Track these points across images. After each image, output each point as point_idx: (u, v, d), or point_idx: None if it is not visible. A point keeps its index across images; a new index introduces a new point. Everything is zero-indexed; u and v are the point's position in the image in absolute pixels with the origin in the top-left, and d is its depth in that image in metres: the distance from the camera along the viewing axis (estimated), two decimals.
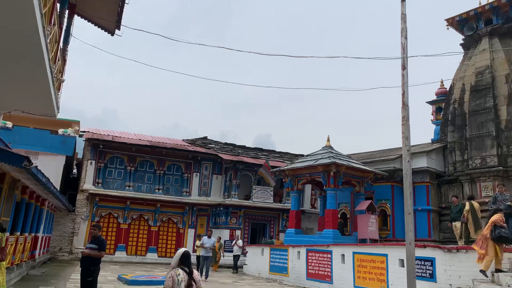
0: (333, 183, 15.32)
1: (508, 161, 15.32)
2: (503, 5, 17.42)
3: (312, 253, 13.87)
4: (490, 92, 16.30)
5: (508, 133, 15.59)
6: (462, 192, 16.28)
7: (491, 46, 17.13)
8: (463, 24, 18.66)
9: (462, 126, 16.92)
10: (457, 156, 16.76)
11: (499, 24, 17.34)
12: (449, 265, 9.46)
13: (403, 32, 7.78)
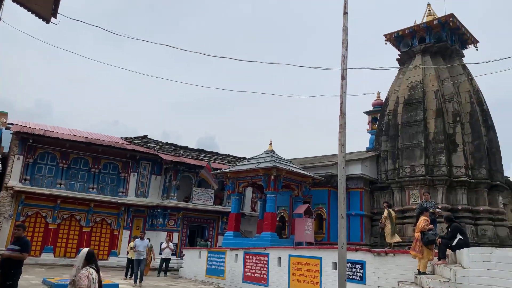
0: (273, 186, 15.54)
1: (434, 170, 16.48)
2: (435, 26, 18.81)
3: (249, 256, 13.94)
4: (421, 106, 17.47)
5: (435, 144, 16.78)
6: (393, 198, 17.26)
7: (424, 63, 18.40)
8: (399, 40, 19.86)
9: (395, 137, 17.95)
10: (389, 165, 17.73)
11: (431, 43, 18.68)
12: (378, 268, 9.94)
13: (344, 44, 8.08)
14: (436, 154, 16.65)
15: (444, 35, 18.67)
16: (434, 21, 18.77)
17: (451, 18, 18.25)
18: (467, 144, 16.85)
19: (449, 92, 17.62)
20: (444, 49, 18.66)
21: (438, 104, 17.27)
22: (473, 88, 17.94)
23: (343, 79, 7.96)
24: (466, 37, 19.54)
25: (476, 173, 16.49)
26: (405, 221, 16.22)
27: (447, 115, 17.30)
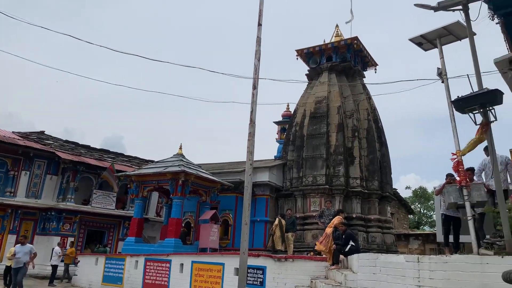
0: (180, 191, 15.25)
1: (333, 180, 17.63)
2: (342, 46, 20.28)
3: (151, 262, 13.46)
4: (325, 120, 18.62)
5: (335, 156, 17.98)
6: (296, 205, 18.06)
7: (329, 80, 19.68)
8: (309, 57, 21.01)
9: (300, 147, 18.86)
10: (294, 173, 18.56)
11: (337, 62, 20.08)
12: (277, 273, 10.28)
13: (257, 55, 8.29)
14: (336, 165, 17.84)
15: (348, 56, 20.20)
16: (341, 42, 20.22)
17: (355, 41, 19.83)
18: (363, 158, 18.34)
19: (350, 108, 19.06)
20: (348, 69, 20.17)
21: (340, 119, 18.57)
22: (370, 107, 19.63)
23: (254, 89, 8.14)
24: (368, 59, 21.38)
25: (369, 185, 18.01)
26: (305, 227, 17.04)
27: (347, 129, 18.67)
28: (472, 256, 5.97)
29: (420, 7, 6.99)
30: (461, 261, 5.85)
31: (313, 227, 16.65)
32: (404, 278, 6.31)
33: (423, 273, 6.14)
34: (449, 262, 5.96)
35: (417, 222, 38.39)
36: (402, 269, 6.40)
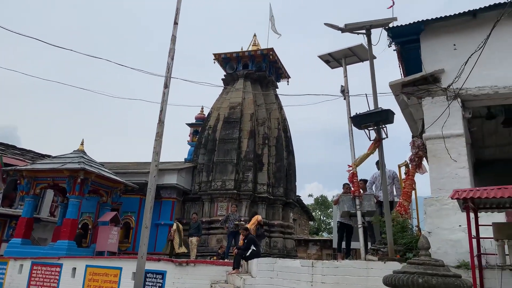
0: (78, 190, 14.18)
1: (241, 186, 17.88)
2: (258, 56, 20.79)
3: (38, 266, 12.28)
4: (238, 125, 18.86)
5: (245, 162, 18.28)
6: (203, 209, 17.92)
7: (244, 87, 20.02)
8: (226, 62, 21.16)
9: (212, 151, 18.82)
10: (204, 177, 18.44)
11: (253, 71, 20.52)
12: (178, 278, 10.07)
13: (171, 53, 8.10)
14: (245, 171, 18.14)
15: (264, 66, 20.77)
16: (257, 51, 20.73)
17: (271, 52, 20.48)
18: (271, 165, 18.92)
19: (262, 116, 19.57)
20: (262, 78, 20.73)
21: (252, 126, 18.96)
22: (281, 116, 20.38)
23: (166, 87, 7.92)
24: (281, 71, 22.21)
25: (275, 191, 18.62)
26: (210, 231, 16.99)
27: (258, 137, 19.13)
28: (359, 261, 6.46)
29: (329, 26, 7.44)
30: (350, 266, 6.29)
31: (219, 231, 16.66)
32: (299, 282, 6.59)
33: (316, 277, 6.48)
34: (339, 267, 6.38)
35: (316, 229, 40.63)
36: (297, 273, 6.68)
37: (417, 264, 4.60)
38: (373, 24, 7.20)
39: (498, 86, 6.93)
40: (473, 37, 6.76)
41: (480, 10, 7.03)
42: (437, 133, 7.00)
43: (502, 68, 6.96)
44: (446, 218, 6.39)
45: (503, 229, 5.10)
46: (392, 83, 7.66)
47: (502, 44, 7.01)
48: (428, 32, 7.72)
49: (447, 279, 4.35)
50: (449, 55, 7.35)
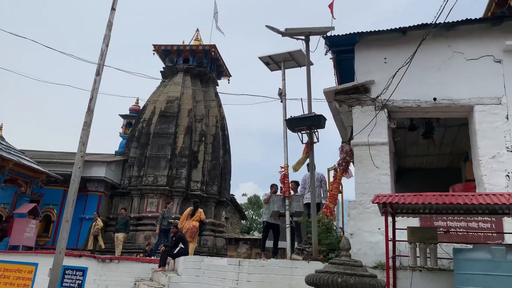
0: None
1: (174, 182, 17.54)
2: (200, 51, 20.53)
3: None
4: (174, 120, 18.47)
5: (180, 158, 17.96)
6: (131, 205, 17.30)
7: (184, 82, 19.66)
8: (166, 54, 20.64)
9: (145, 145, 18.25)
10: (135, 171, 17.81)
11: (193, 66, 20.22)
12: (100, 275, 9.62)
13: (106, 40, 7.70)
14: (179, 167, 17.82)
15: (205, 62, 20.56)
16: (199, 47, 20.48)
17: (213, 49, 20.33)
18: (206, 162, 18.77)
19: (200, 113, 19.36)
20: (203, 74, 20.50)
21: (189, 122, 18.67)
22: (220, 114, 20.31)
23: (98, 75, 7.52)
24: (223, 69, 22.14)
25: (209, 189, 18.51)
26: (138, 228, 16.46)
27: (195, 133, 18.88)
28: (284, 260, 6.62)
29: (271, 29, 7.54)
30: (275, 265, 6.41)
31: (147, 228, 16.21)
32: (224, 280, 6.59)
33: (242, 275, 6.51)
34: (265, 265, 6.47)
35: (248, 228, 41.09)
36: (224, 271, 6.68)
37: (337, 264, 4.80)
38: (312, 31, 7.42)
39: (421, 100, 7.48)
40: (402, 53, 7.21)
41: (409, 28, 7.53)
42: (364, 140, 7.38)
43: (425, 84, 7.52)
44: (367, 221, 6.76)
45: (416, 233, 5.49)
46: (326, 90, 7.95)
47: (426, 63, 7.57)
48: (362, 44, 8.12)
49: (364, 279, 4.58)
50: (379, 67, 7.78)
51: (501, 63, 7.31)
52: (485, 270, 4.55)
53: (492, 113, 7.10)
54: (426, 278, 5.62)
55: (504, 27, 7.39)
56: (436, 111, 7.68)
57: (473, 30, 7.55)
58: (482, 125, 7.10)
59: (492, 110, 7.12)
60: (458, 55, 7.53)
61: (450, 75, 7.47)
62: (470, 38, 7.56)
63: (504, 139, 6.92)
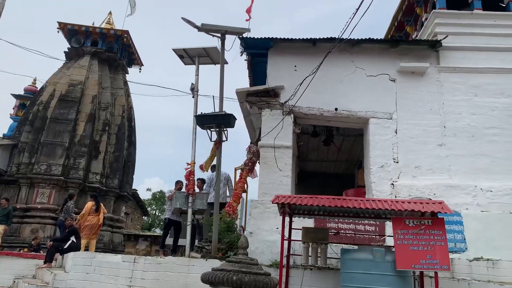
0: None
1: (71, 173, 16.25)
2: (111, 35, 19.35)
3: None
4: (76, 106, 17.13)
5: (79, 147, 16.70)
6: (19, 195, 15.65)
7: (90, 66, 18.35)
8: (73, 34, 19.08)
9: (39, 130, 16.64)
10: (25, 158, 16.15)
11: (102, 50, 18.96)
12: None
13: None
14: (78, 157, 16.58)
15: (116, 47, 19.44)
16: (111, 31, 19.30)
17: (126, 35, 19.32)
18: (108, 154, 17.74)
19: (106, 101, 18.23)
20: (112, 60, 19.35)
21: (92, 109, 17.48)
22: (127, 104, 19.35)
23: None
24: (134, 57, 21.14)
25: (109, 182, 17.50)
26: (24, 220, 14.94)
27: (98, 121, 17.73)
28: (182, 258, 6.52)
29: (187, 22, 7.39)
30: (172, 262, 6.29)
31: (35, 221, 14.81)
32: (117, 278, 6.27)
33: (137, 273, 6.27)
34: (162, 263, 6.31)
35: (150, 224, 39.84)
36: (117, 269, 6.35)
37: (234, 262, 4.86)
38: (229, 30, 7.44)
39: (324, 109, 7.96)
40: (311, 63, 7.57)
41: (319, 40, 7.96)
42: (270, 143, 7.62)
43: (329, 94, 8.01)
44: (267, 220, 6.98)
45: (309, 233, 5.81)
46: (238, 90, 8.05)
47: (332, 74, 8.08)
48: (275, 49, 8.38)
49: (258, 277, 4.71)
50: (290, 74, 8.11)
51: (395, 82, 8.10)
52: (366, 269, 4.98)
53: (384, 126, 7.83)
54: (316, 276, 5.97)
55: (400, 50, 8.20)
56: (337, 120, 8.24)
57: (374, 49, 8.25)
58: (374, 137, 7.78)
59: (384, 124, 7.85)
60: (360, 71, 8.18)
61: (351, 88, 8.06)
62: (371, 56, 8.26)
63: (392, 151, 7.67)
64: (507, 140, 7.55)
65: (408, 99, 7.95)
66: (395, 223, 5.13)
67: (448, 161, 7.52)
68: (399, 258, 4.86)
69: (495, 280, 6.13)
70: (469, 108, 7.82)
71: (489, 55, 8.11)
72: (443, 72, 8.08)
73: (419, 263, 4.83)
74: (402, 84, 8.07)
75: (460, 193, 7.17)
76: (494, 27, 8.29)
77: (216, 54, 8.22)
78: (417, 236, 4.94)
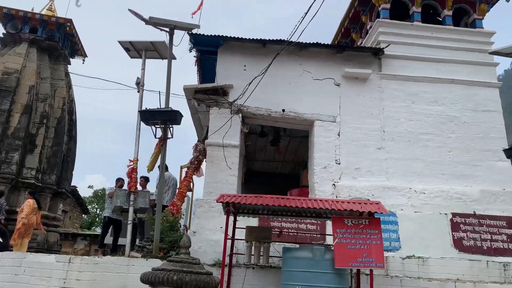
0: None
1: (2, 167, 15.11)
2: (52, 23, 18.22)
3: None
4: (10, 96, 15.94)
5: (12, 140, 15.56)
6: None
7: (28, 54, 17.17)
8: (9, 19, 17.72)
9: None
10: None
11: (42, 38, 17.80)
12: None
13: None
14: (11, 150, 15.44)
15: (58, 36, 18.34)
16: (52, 18, 18.17)
17: (69, 23, 18.29)
18: (46, 148, 16.70)
19: (45, 92, 17.15)
20: (53, 49, 18.24)
21: (29, 101, 16.37)
22: (69, 97, 18.34)
23: None
24: (78, 47, 20.07)
25: (46, 178, 16.49)
26: None
27: (35, 114, 16.63)
28: (122, 258, 6.30)
29: (134, 14, 7.15)
30: (111, 262, 6.05)
31: None
32: (50, 279, 5.93)
33: (72, 274, 5.96)
34: (100, 263, 6.05)
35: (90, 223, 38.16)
36: (50, 270, 6.01)
37: (175, 262, 4.78)
38: (177, 25, 7.29)
39: (272, 110, 8.06)
40: (261, 63, 7.63)
41: (268, 41, 8.05)
42: (218, 141, 7.59)
43: (277, 95, 8.12)
44: (211, 219, 6.93)
45: (253, 232, 5.85)
46: (186, 87, 7.93)
47: (281, 76, 8.21)
48: (225, 48, 8.36)
49: (199, 276, 4.66)
50: (239, 73, 8.12)
51: (339, 86, 8.38)
52: (306, 267, 5.10)
53: (328, 129, 8.08)
54: (258, 275, 6.02)
55: (345, 56, 8.50)
56: (284, 121, 8.37)
57: (321, 53, 8.48)
58: (319, 139, 8.01)
59: (328, 126, 8.10)
60: (307, 74, 8.37)
61: (298, 90, 8.23)
62: (318, 60, 8.48)
63: (335, 153, 7.93)
64: (439, 146, 8.08)
65: (351, 104, 8.26)
66: (335, 222, 5.29)
67: (386, 164, 7.91)
68: (337, 256, 5.02)
69: (424, 276, 6.54)
70: (406, 114, 8.28)
71: (426, 65, 8.63)
72: (384, 79, 8.49)
73: (356, 261, 5.03)
74: (346, 89, 8.37)
75: (396, 195, 7.56)
76: (431, 39, 8.83)
77: (164, 48, 8.03)
78: (355, 235, 5.14)
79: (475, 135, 8.22)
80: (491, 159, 8.05)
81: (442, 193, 7.59)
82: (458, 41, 8.87)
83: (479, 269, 6.78)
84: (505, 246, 7.14)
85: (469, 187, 7.78)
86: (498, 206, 7.57)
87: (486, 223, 7.30)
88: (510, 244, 7.15)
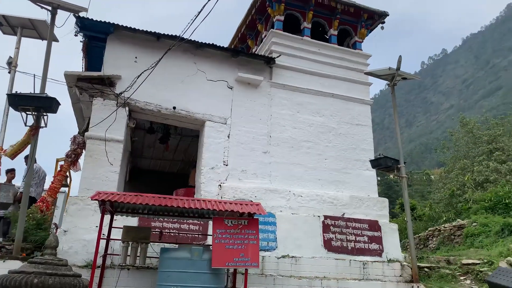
0: None
1: None
2: None
3: None
4: None
5: None
6: None
7: None
8: None
9: None
10: None
11: None
12: None
13: None
14: None
15: None
16: None
17: None
18: None
19: None
20: None
21: None
22: None
23: None
24: None
25: None
26: None
27: None
28: None
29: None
30: None
31: None
32: None
33: None
34: None
35: None
36: None
37: (37, 264, 4.34)
38: (61, 5, 6.63)
39: (162, 106, 7.83)
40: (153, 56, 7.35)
41: (163, 35, 7.83)
42: (100, 135, 7.10)
43: (169, 92, 7.93)
44: (85, 218, 6.45)
45: (130, 232, 5.60)
46: (67, 73, 7.27)
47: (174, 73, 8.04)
48: (116, 36, 7.88)
49: (65, 279, 4.29)
50: (129, 64, 7.72)
51: (232, 89, 8.53)
52: (183, 267, 5.05)
53: (219, 130, 8.15)
54: (134, 276, 5.79)
55: (240, 60, 8.68)
56: (175, 119, 8.20)
57: (217, 55, 8.53)
58: (209, 139, 8.03)
59: (219, 128, 8.17)
60: (201, 74, 8.34)
61: (191, 89, 8.15)
62: (213, 61, 8.51)
63: (223, 154, 8.03)
64: (318, 153, 8.74)
65: (242, 107, 8.46)
66: (215, 222, 5.35)
67: (270, 167, 8.28)
68: (215, 256, 5.08)
69: (296, 275, 6.99)
70: (291, 122, 8.77)
71: (312, 78, 9.27)
72: (274, 87, 8.89)
73: (233, 261, 5.15)
74: (239, 93, 8.55)
75: (277, 197, 7.95)
76: (318, 55, 9.52)
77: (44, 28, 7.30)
78: (233, 235, 5.26)
79: (348, 145, 9.08)
80: (360, 168, 8.97)
81: (317, 197, 8.20)
82: (340, 59, 9.71)
83: (343, 267, 7.48)
84: (366, 246, 8.00)
85: (341, 192, 8.55)
86: (363, 210, 8.46)
87: (352, 225, 8.09)
88: (370, 245, 8.04)
